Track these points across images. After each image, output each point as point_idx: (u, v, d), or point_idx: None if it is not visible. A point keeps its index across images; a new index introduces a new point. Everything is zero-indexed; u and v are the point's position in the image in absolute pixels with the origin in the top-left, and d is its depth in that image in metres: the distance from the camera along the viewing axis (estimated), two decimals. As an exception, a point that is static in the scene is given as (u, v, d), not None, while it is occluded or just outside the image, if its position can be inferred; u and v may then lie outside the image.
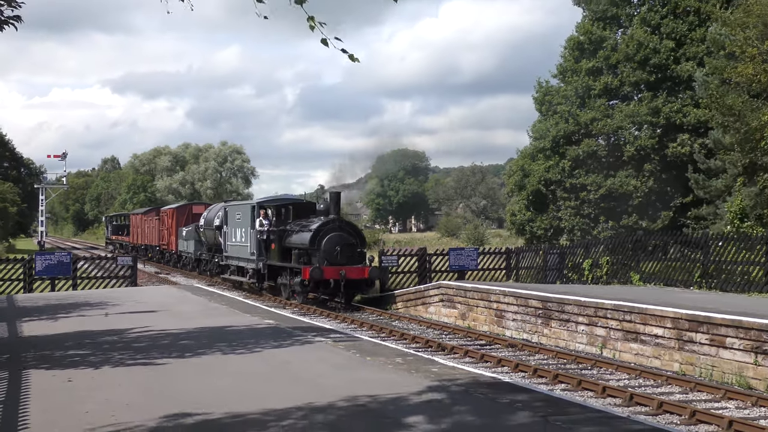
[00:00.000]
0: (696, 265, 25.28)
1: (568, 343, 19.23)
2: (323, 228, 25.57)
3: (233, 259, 31.91)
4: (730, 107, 29.34)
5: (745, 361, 14.63)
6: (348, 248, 25.55)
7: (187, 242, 40.46)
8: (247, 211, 29.73)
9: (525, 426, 9.50)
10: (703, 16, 41.83)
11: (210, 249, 36.35)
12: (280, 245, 27.81)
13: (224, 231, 32.71)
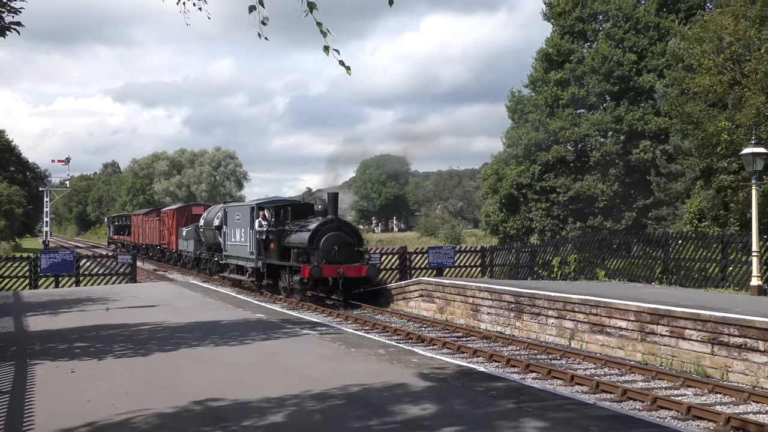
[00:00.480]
0: (657, 262, 25.45)
1: (539, 334, 19.26)
2: (322, 228, 24.98)
3: (233, 258, 31.41)
4: (688, 115, 29.48)
5: (702, 351, 14.70)
6: (346, 247, 24.92)
7: (187, 242, 39.93)
8: (247, 212, 29.24)
9: (499, 412, 9.52)
10: (662, 31, 42.10)
11: (210, 248, 35.76)
12: (279, 245, 27.15)
13: (224, 231, 32.19)
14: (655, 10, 43.20)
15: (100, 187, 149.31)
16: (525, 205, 45.87)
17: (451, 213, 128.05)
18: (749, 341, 13.79)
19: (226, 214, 31.96)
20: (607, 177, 42.79)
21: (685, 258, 24.40)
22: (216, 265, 34.45)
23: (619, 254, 27.68)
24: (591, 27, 45.52)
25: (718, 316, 14.48)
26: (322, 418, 9.19)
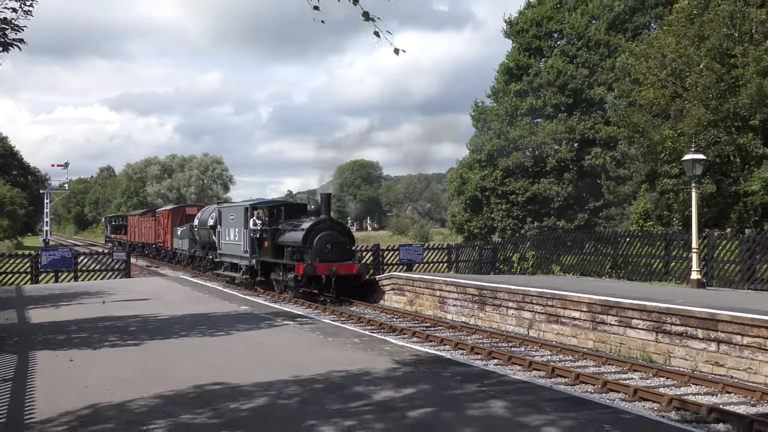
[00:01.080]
0: (607, 258, 25.61)
1: (500, 324, 19.32)
2: (315, 227, 24.17)
3: (227, 256, 30.66)
4: (635, 125, 29.71)
5: (647, 339, 14.84)
6: (338, 246, 24.17)
7: (182, 240, 39.27)
8: (241, 212, 28.46)
9: (464, 394, 9.56)
10: (611, 49, 42.40)
11: (204, 247, 34.99)
12: (273, 243, 26.26)
13: (218, 230, 31.45)
14: (605, 30, 43.55)
15: (97, 190, 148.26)
16: (487, 206, 46.02)
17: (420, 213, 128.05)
18: (689, 329, 13.93)
19: (220, 214, 31.31)
20: (562, 180, 43.07)
21: (632, 254, 24.57)
22: (210, 263, 33.67)
23: (573, 251, 27.84)
24: (547, 44, 45.77)
25: (661, 307, 14.63)
26: (302, 400, 9.19)
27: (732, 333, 13.10)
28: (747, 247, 20.01)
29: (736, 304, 14.56)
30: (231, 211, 29.98)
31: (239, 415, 8.52)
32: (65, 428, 8.06)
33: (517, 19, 47.33)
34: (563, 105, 43.30)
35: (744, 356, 12.86)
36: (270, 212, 27.39)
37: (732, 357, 13.09)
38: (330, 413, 8.53)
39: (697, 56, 27.50)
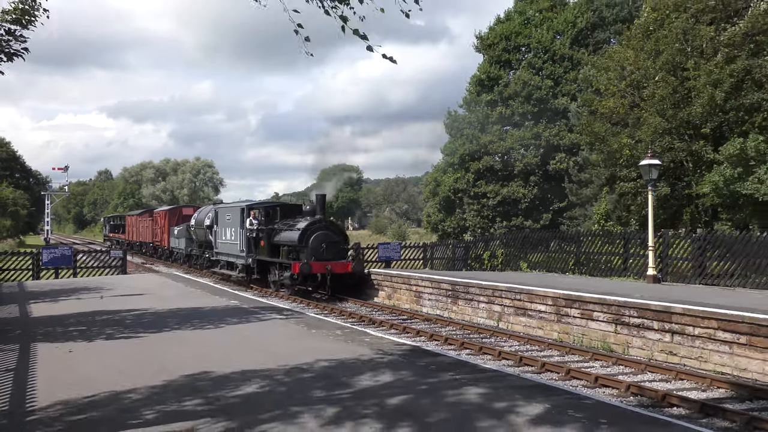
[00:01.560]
0: (571, 255, 25.72)
1: (472, 317, 19.34)
2: (311, 227, 23.17)
3: (223, 255, 29.59)
4: (596, 132, 29.89)
5: (607, 330, 14.90)
6: (333, 245, 23.23)
7: (178, 240, 38.39)
8: (237, 212, 27.49)
9: (438, 382, 9.59)
10: (575, 62, 42.71)
11: (200, 246, 34.10)
12: (269, 243, 25.26)
13: (214, 230, 30.51)
14: (569, 44, 43.83)
15: (95, 192, 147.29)
16: (460, 207, 46.16)
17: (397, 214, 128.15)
18: (646, 321, 14.03)
19: (216, 214, 30.53)
20: (529, 183, 43.30)
21: (594, 252, 24.70)
22: (207, 261, 32.80)
23: (539, 249, 27.94)
24: (515, 57, 45.99)
25: (620, 300, 14.71)
26: (287, 388, 9.18)
27: (685, 324, 13.21)
28: (698, 246, 20.19)
29: (688, 298, 14.68)
30: (227, 212, 29.21)
31: (229, 402, 8.50)
32: (65, 415, 8.01)
33: (487, 35, 47.51)
34: (530, 114, 43.51)
35: (696, 346, 12.97)
36: (266, 212, 26.66)
37: (685, 347, 13.19)
38: (314, 400, 8.53)
39: (654, 69, 27.72)
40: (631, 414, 8.39)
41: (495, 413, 8.04)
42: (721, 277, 19.30)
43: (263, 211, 26.68)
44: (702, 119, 26.06)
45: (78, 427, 7.55)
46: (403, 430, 7.35)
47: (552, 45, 44.32)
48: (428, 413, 8.01)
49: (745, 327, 12.09)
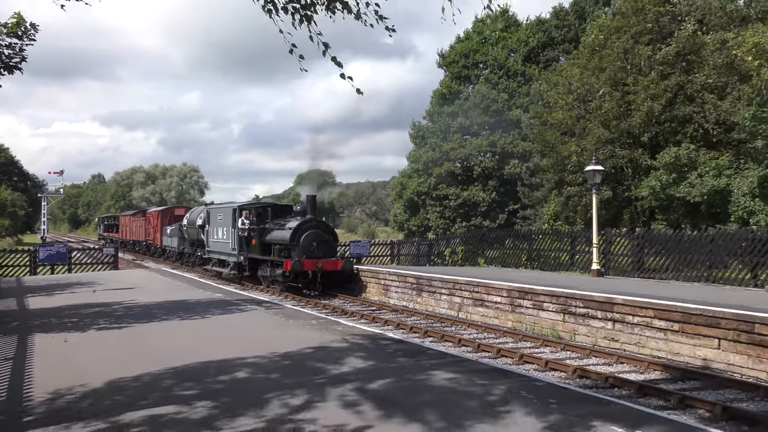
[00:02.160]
0: (523, 252, 25.89)
1: (435, 308, 19.38)
2: (302, 226, 22.25)
3: (215, 253, 28.45)
4: (546, 141, 30.16)
5: (556, 319, 15.04)
6: (323, 244, 22.30)
7: (171, 238, 37.26)
8: (229, 212, 26.38)
9: (404, 366, 9.60)
10: (527, 77, 43.00)
11: (193, 244, 33.04)
12: (261, 241, 24.30)
13: (206, 230, 29.33)
14: (522, 61, 44.14)
15: (89, 194, 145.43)
16: (423, 208, 46.21)
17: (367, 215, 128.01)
18: (590, 311, 14.17)
19: (209, 214, 29.50)
20: (486, 187, 43.48)
21: (544, 249, 24.86)
22: (199, 259, 31.74)
23: (495, 246, 28.08)
24: (474, 73, 46.20)
25: (567, 292, 14.85)
26: (266, 374, 9.13)
27: (625, 314, 13.37)
28: (637, 243, 20.43)
29: (628, 290, 14.86)
30: (219, 212, 28.23)
31: (215, 387, 8.42)
32: (61, 401, 7.88)
33: (448, 53, 47.68)
34: (487, 124, 43.70)
35: (635, 333, 13.14)
36: (257, 213, 25.76)
37: (625, 333, 13.35)
38: (291, 385, 8.49)
39: (598, 84, 28.06)
40: (577, 395, 8.47)
41: (455, 394, 8.07)
42: (657, 271, 19.53)
43: (254, 211, 25.83)
44: (641, 130, 26.45)
45: (73, 412, 7.43)
46: (371, 410, 7.35)
47: (506, 62, 44.60)
48: (395, 395, 8.02)
49: (678, 316, 12.27)
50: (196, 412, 7.34)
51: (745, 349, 11.11)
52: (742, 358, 11.14)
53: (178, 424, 6.93)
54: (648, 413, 7.61)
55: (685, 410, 9.05)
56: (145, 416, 7.16)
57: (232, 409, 7.41)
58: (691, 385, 10.47)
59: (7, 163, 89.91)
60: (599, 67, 28.33)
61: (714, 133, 24.92)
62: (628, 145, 27.19)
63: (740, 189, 22.17)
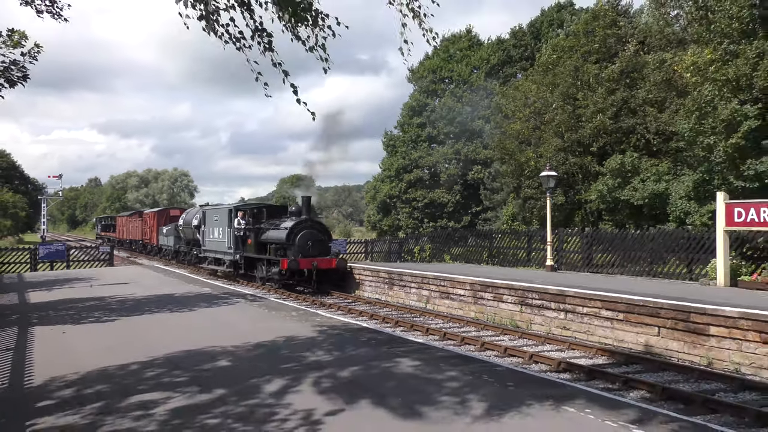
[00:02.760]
0: (485, 249, 26.02)
1: (405, 300, 19.41)
2: (297, 226, 21.27)
3: (211, 252, 27.20)
4: (506, 149, 30.33)
5: (514, 310, 15.13)
6: (318, 243, 21.36)
7: (167, 238, 36.00)
8: (225, 213, 25.22)
9: (377, 354, 9.58)
10: (488, 91, 43.21)
11: (188, 243, 31.89)
12: (256, 241, 23.20)
13: (202, 229, 28.12)
14: (484, 77, 44.37)
15: (86, 196, 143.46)
16: (395, 209, 46.22)
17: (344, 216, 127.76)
18: (545, 302, 14.30)
19: (204, 215, 28.38)
20: (451, 191, 43.62)
21: (504, 246, 25.03)
22: (194, 258, 30.67)
23: (459, 244, 28.19)
24: (440, 87, 46.30)
25: (524, 285, 14.96)
26: (250, 361, 9.06)
27: (576, 305, 13.50)
28: (586, 241, 20.65)
29: (578, 283, 15.02)
30: (215, 213, 26.94)
31: (202, 374, 8.34)
32: (59, 389, 7.74)
33: (417, 69, 47.75)
34: (452, 133, 43.83)
35: (584, 322, 13.27)
36: (253, 213, 24.73)
37: (575, 323, 13.49)
38: (272, 371, 8.43)
39: (551, 99, 28.28)
40: (533, 378, 8.53)
41: (424, 378, 8.08)
42: (605, 267, 19.76)
43: (250, 211, 24.85)
44: (590, 139, 26.71)
45: (70, 398, 7.30)
46: (343, 393, 7.33)
47: (470, 77, 44.79)
48: (369, 379, 8.00)
49: (623, 306, 12.42)
50: (183, 396, 7.26)
51: (682, 336, 11.28)
52: (679, 344, 11.31)
53: (166, 406, 6.84)
54: (596, 394, 7.69)
55: (628, 391, 9.16)
56: (138, 401, 7.07)
57: (216, 393, 7.34)
58: (634, 369, 10.60)
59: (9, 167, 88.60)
60: (553, 83, 28.56)
61: (654, 143, 25.25)
62: (578, 153, 27.44)
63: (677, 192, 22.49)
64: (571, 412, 6.72)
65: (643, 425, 6.32)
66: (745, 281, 14.39)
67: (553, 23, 42.34)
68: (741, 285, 14.43)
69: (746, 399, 8.84)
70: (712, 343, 10.77)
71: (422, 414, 6.63)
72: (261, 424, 6.28)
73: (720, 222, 14.84)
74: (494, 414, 6.61)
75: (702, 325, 10.94)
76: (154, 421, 6.38)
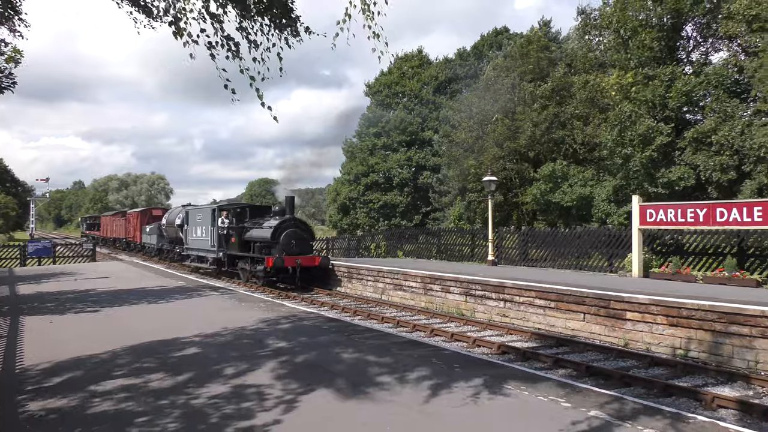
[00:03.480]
0: (434, 246, 26.20)
1: (362, 292, 19.40)
2: (281, 225, 20.18)
3: (194, 250, 25.74)
4: (452, 156, 30.70)
5: (460, 300, 15.29)
6: (302, 242, 20.28)
7: (150, 236, 34.54)
8: (208, 213, 23.93)
9: (337, 340, 9.63)
10: (437, 104, 43.61)
11: (171, 242, 30.49)
12: (240, 239, 22.06)
13: (185, 228, 26.65)
14: (432, 92, 44.76)
15: (71, 198, 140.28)
16: (353, 210, 46.21)
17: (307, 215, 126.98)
18: (487, 293, 14.50)
19: (188, 214, 26.67)
20: (404, 193, 43.86)
21: (450, 243, 25.21)
22: (177, 255, 28.98)
23: (411, 241, 28.31)
24: (394, 101, 46.46)
25: (469, 278, 15.12)
26: (220, 347, 9.01)
27: (513, 295, 13.76)
28: (522, 239, 21.02)
29: (516, 276, 15.29)
30: (198, 212, 25.46)
31: (172, 361, 8.25)
32: (48, 372, 7.59)
33: (373, 84, 47.87)
34: (404, 142, 44.06)
35: (521, 310, 13.55)
36: (236, 212, 23.37)
37: (513, 311, 13.73)
38: (236, 357, 8.41)
39: (492, 112, 28.76)
40: (475, 359, 8.70)
41: (380, 361, 8.17)
42: (538, 261, 20.11)
43: (234, 211, 23.51)
44: (526, 149, 27.27)
45: (58, 381, 7.16)
46: (302, 375, 7.38)
47: (420, 92, 45.12)
48: (330, 363, 8.06)
49: (554, 296, 12.74)
50: (156, 380, 7.20)
51: (603, 321, 11.65)
52: (601, 328, 11.69)
53: (141, 389, 6.78)
54: (530, 373, 7.91)
55: (558, 369, 9.43)
56: (117, 385, 6.99)
57: (184, 377, 7.30)
58: (563, 350, 10.89)
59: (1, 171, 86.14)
60: (493, 98, 29.06)
61: (581, 152, 25.94)
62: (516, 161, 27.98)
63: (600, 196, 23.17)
64: (508, 389, 6.92)
65: (570, 398, 6.56)
66: (655, 272, 14.93)
67: (492, 46, 42.99)
68: (652, 276, 14.96)
69: (655, 374, 9.22)
70: (629, 327, 11.18)
71: (372, 394, 6.72)
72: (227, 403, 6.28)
73: (635, 222, 15.35)
74: (442, 392, 6.76)
75: (620, 311, 11.34)
76: (137, 401, 6.32)
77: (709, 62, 22.54)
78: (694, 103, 20.83)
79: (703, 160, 19.54)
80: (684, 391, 8.07)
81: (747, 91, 20.10)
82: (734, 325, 9.60)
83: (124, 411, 6.10)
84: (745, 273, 13.50)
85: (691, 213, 14.04)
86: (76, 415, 6.00)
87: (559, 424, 5.74)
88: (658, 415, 6.02)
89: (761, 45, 18.62)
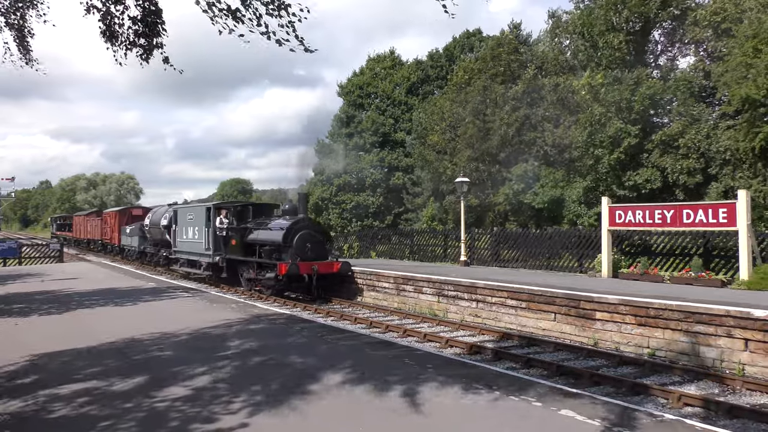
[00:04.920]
0: (407, 246, 26.21)
1: (335, 293, 19.31)
2: (294, 226, 17.41)
3: (184, 254, 22.88)
4: (425, 158, 30.80)
5: (433, 300, 15.34)
6: (317, 245, 17.58)
7: (131, 238, 31.51)
8: (202, 212, 21.25)
9: (309, 342, 9.58)
10: (409, 106, 43.74)
11: (156, 244, 27.36)
12: (242, 241, 19.24)
13: (173, 229, 23.71)
14: (405, 93, 44.88)
15: (37, 197, 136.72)
16: (326, 210, 46.04)
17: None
18: (459, 293, 14.57)
19: (176, 214, 23.93)
20: (376, 194, 43.85)
21: (423, 244, 25.25)
22: (163, 259, 26.08)
23: (384, 242, 28.29)
24: (366, 101, 46.42)
25: (441, 279, 15.16)
26: (189, 347, 8.88)
27: (485, 295, 13.85)
28: (494, 239, 21.15)
29: (488, 276, 15.39)
30: (189, 212, 22.92)
31: (138, 362, 8.11)
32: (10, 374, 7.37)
33: (346, 84, 47.79)
34: (377, 143, 44.06)
35: (493, 310, 13.64)
36: (237, 212, 20.88)
37: (485, 311, 13.81)
38: (199, 359, 8.30)
39: (464, 114, 28.93)
40: (448, 360, 8.74)
41: (352, 362, 8.15)
42: (510, 261, 20.24)
43: (234, 210, 20.94)
44: (498, 150, 27.48)
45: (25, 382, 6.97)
46: (286, 373, 7.31)
47: (393, 93, 45.16)
48: (303, 362, 8.00)
49: (525, 296, 12.86)
50: (120, 381, 7.06)
51: (574, 321, 11.81)
52: (572, 328, 11.84)
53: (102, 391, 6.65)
54: (502, 372, 7.97)
55: (529, 369, 9.52)
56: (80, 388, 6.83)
57: (159, 378, 7.18)
58: (534, 350, 10.99)
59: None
60: (465, 100, 29.23)
61: (551, 154, 26.26)
62: (488, 162, 28.18)
63: (570, 197, 23.49)
64: (480, 388, 6.96)
65: (541, 398, 6.63)
66: (624, 273, 15.19)
67: (464, 48, 43.29)
68: (621, 276, 15.22)
69: (624, 372, 9.38)
70: (598, 326, 11.34)
71: (349, 394, 6.70)
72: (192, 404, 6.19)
73: (604, 223, 15.60)
74: (414, 392, 6.76)
75: (590, 311, 11.50)
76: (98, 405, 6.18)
77: (677, 66, 23.05)
78: (660, 107, 21.27)
79: (671, 162, 19.95)
80: (652, 389, 8.21)
81: (713, 95, 20.60)
82: (700, 324, 9.82)
83: (86, 415, 5.96)
84: (710, 273, 13.81)
85: (658, 214, 14.31)
86: (36, 419, 5.85)
87: (529, 423, 5.78)
88: (627, 414, 6.11)
89: (726, 50, 19.11)
